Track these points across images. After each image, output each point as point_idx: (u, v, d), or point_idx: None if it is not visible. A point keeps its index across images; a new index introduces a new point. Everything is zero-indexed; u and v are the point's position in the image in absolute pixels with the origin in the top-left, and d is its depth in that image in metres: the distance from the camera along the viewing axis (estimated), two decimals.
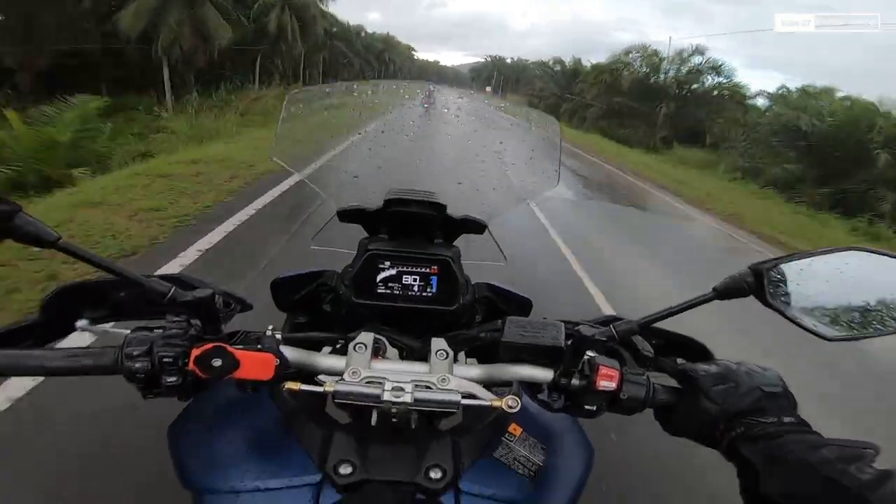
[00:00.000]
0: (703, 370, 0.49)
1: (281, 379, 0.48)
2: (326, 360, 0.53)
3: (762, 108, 20.54)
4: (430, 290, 0.64)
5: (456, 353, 0.54)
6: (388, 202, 0.62)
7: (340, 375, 0.49)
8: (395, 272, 0.63)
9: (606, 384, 0.49)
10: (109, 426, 1.55)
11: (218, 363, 0.45)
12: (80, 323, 0.58)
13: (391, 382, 0.48)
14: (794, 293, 0.49)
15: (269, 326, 0.52)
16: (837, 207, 13.77)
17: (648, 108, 22.53)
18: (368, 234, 0.68)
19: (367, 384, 0.48)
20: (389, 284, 0.63)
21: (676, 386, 0.51)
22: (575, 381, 0.51)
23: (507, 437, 0.61)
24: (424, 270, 0.64)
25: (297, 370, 0.51)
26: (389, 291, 0.64)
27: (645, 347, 0.57)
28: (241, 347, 0.47)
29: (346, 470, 0.49)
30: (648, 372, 0.53)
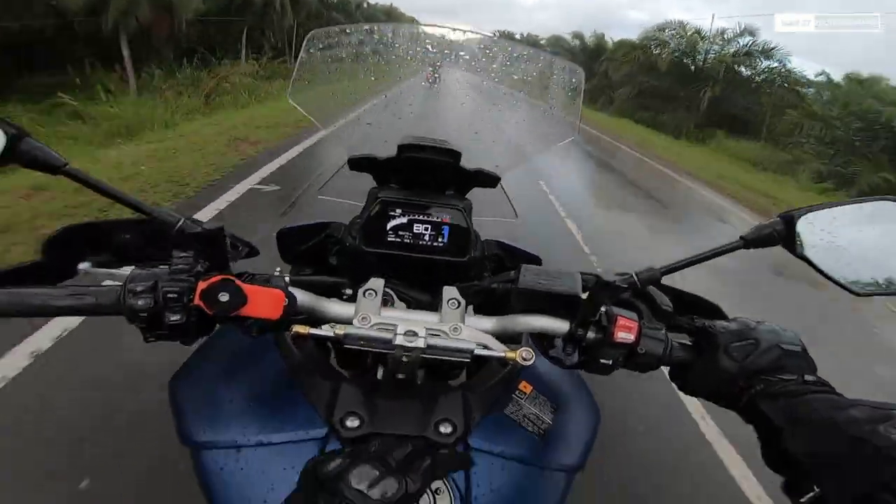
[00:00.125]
0: (721, 327, 0.48)
1: (288, 322, 0.46)
2: (335, 305, 0.51)
3: (807, 96, 17.59)
4: (441, 240, 0.62)
5: (466, 305, 0.52)
6: (401, 148, 0.60)
7: (349, 323, 0.47)
8: (406, 220, 0.62)
9: (625, 336, 0.47)
10: None
11: (225, 298, 0.42)
12: (82, 265, 0.57)
13: (404, 326, 0.46)
14: (824, 243, 0.47)
15: (276, 269, 0.50)
16: None
17: (688, 91, 19.40)
18: (378, 184, 0.66)
19: (377, 329, 0.46)
20: (400, 233, 0.62)
21: (693, 343, 0.49)
22: (591, 333, 0.49)
23: (517, 394, 0.60)
24: (436, 220, 0.62)
25: (305, 315, 0.49)
26: (400, 240, 0.62)
27: (663, 301, 0.55)
28: (249, 282, 0.45)
29: (353, 423, 0.48)
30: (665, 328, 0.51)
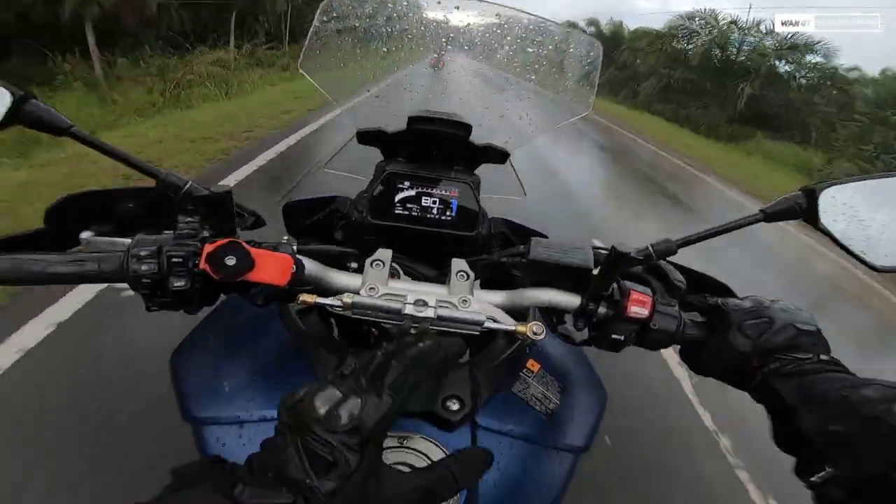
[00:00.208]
0: (735, 304, 0.46)
1: (295, 292, 0.45)
2: (342, 276, 0.50)
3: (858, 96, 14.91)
4: (449, 213, 0.62)
5: (475, 279, 0.51)
6: (412, 119, 0.58)
7: (356, 293, 0.46)
8: (414, 193, 0.61)
9: (638, 310, 0.45)
10: None
11: (232, 262, 0.41)
12: (84, 234, 0.56)
13: (414, 295, 0.45)
14: (845, 217, 0.45)
15: (284, 236, 0.49)
16: None
17: (721, 86, 17.01)
18: (386, 157, 0.65)
19: (386, 299, 0.45)
20: (408, 205, 0.61)
21: (705, 321, 0.48)
22: (602, 308, 0.48)
23: (525, 372, 0.59)
24: (445, 193, 0.61)
25: (311, 286, 0.48)
26: (408, 213, 0.61)
27: (676, 277, 0.54)
28: (257, 248, 0.43)
29: None
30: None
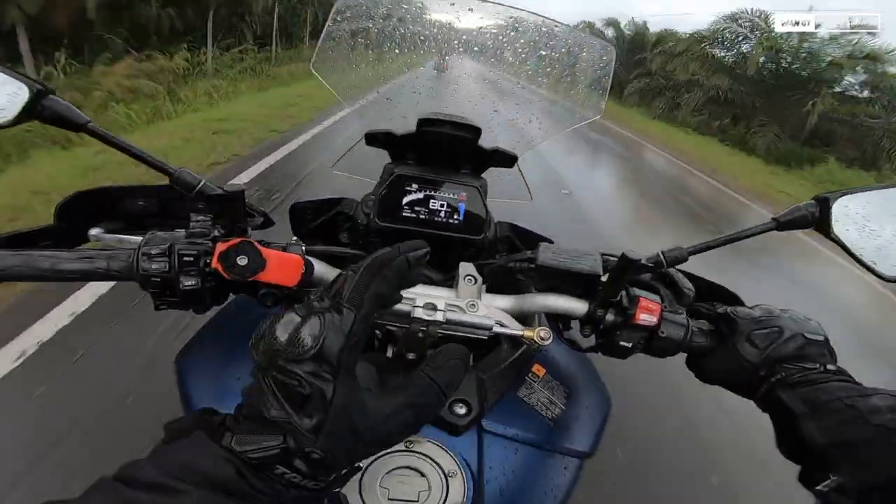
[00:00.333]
0: (744, 314, 0.47)
1: (303, 293, 0.45)
2: None
3: None
4: (456, 217, 0.61)
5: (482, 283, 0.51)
6: (421, 121, 0.58)
7: None
8: (422, 196, 0.60)
9: (647, 318, 0.46)
10: None
11: (244, 261, 0.41)
12: (93, 231, 0.56)
13: (422, 299, 0.46)
14: (859, 226, 0.46)
15: (292, 237, 0.48)
16: None
17: (780, 100, 13.36)
18: (394, 160, 0.65)
19: None
20: (416, 208, 0.61)
21: (714, 329, 0.49)
22: (610, 315, 0.48)
23: (530, 377, 0.59)
24: (452, 196, 0.61)
25: (320, 286, 0.49)
26: (415, 216, 0.61)
27: (685, 284, 0.54)
28: (267, 245, 0.44)
29: None
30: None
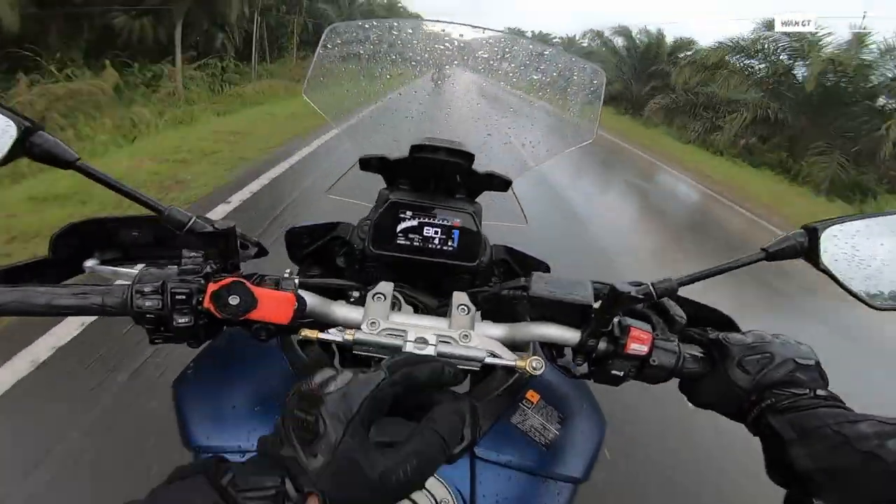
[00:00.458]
0: (736, 340, 0.47)
1: (297, 326, 0.45)
2: (344, 309, 0.51)
3: None
4: (451, 244, 0.62)
5: (475, 311, 0.52)
6: (414, 148, 0.58)
7: (357, 327, 0.47)
8: (416, 223, 0.61)
9: (638, 348, 0.46)
10: None
11: (235, 301, 0.42)
12: (88, 262, 0.56)
13: (414, 333, 0.46)
14: (848, 256, 0.47)
15: (286, 270, 0.49)
16: None
17: (833, 122, 11.25)
18: (388, 185, 0.65)
19: (387, 335, 0.46)
20: (410, 235, 0.61)
21: (706, 355, 0.49)
22: (602, 344, 0.48)
23: (524, 403, 0.59)
24: (447, 223, 0.61)
25: (312, 319, 0.49)
26: (409, 243, 0.61)
27: (677, 312, 0.55)
28: (259, 284, 0.45)
29: None
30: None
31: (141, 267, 0.45)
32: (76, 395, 1.71)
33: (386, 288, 0.51)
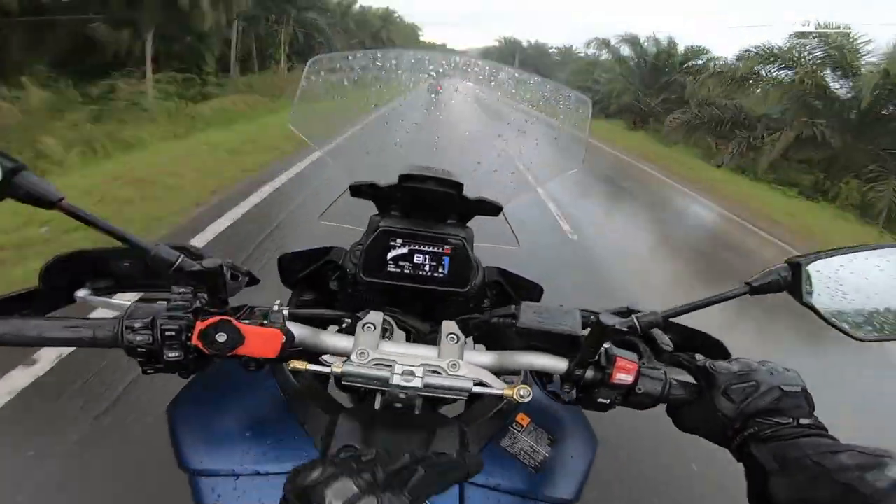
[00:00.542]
0: (723, 368, 0.48)
1: (286, 357, 0.46)
2: (333, 339, 0.52)
3: None
4: (441, 270, 0.62)
5: (466, 337, 0.53)
6: (402, 178, 0.60)
7: (347, 356, 0.48)
8: (406, 251, 0.62)
9: (623, 377, 0.47)
10: None
11: (222, 338, 0.43)
12: (80, 293, 0.57)
13: (401, 366, 0.47)
14: (830, 290, 0.47)
15: (275, 302, 0.51)
16: None
17: (874, 142, 9.97)
18: (380, 210, 0.67)
19: (375, 366, 0.47)
20: (400, 263, 0.62)
21: (693, 382, 0.50)
22: (590, 372, 0.49)
23: (514, 426, 0.60)
24: (437, 250, 0.62)
25: (302, 349, 0.50)
26: (400, 270, 0.62)
27: (664, 340, 0.55)
28: (246, 322, 0.45)
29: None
30: (665, 366, 0.51)
31: (132, 299, 0.46)
32: None
33: (375, 318, 0.52)
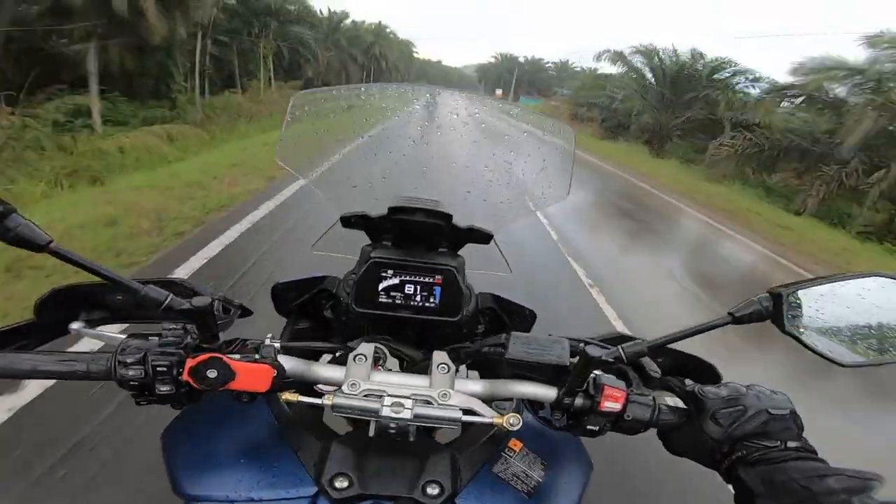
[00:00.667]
0: (711, 392, 0.48)
1: (278, 389, 0.47)
2: (325, 370, 0.52)
3: None
4: (433, 300, 0.63)
5: (457, 366, 0.53)
6: (392, 210, 0.60)
7: (339, 386, 0.49)
8: (397, 281, 0.62)
9: (611, 405, 0.48)
10: None
11: (213, 374, 0.44)
12: (74, 325, 0.57)
13: (391, 398, 0.48)
14: (812, 318, 0.48)
15: (268, 335, 0.51)
16: None
17: None
18: (371, 240, 0.67)
19: (365, 398, 0.48)
20: (392, 293, 0.62)
21: (683, 406, 0.50)
22: (579, 400, 0.50)
23: (506, 452, 0.60)
24: (428, 280, 0.62)
25: (294, 380, 0.51)
26: (391, 301, 0.62)
27: (652, 367, 0.56)
28: (237, 358, 0.46)
29: (342, 484, 0.48)
30: (654, 391, 0.52)
31: (122, 338, 0.47)
32: None
33: (366, 349, 0.53)
